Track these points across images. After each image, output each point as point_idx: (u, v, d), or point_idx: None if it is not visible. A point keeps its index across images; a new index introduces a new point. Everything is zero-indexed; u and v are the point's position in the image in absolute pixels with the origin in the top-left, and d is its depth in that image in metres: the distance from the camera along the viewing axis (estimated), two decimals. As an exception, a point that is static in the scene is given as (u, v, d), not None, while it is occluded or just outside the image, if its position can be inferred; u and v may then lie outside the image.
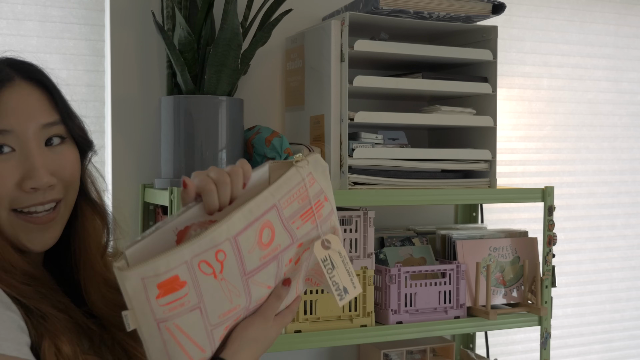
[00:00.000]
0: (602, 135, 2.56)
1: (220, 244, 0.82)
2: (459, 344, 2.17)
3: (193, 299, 0.81)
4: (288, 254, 0.90)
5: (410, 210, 2.13)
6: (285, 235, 0.89)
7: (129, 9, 1.82)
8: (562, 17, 2.46)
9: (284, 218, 0.89)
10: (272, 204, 0.88)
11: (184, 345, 0.82)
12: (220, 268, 0.82)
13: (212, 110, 1.67)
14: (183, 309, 0.80)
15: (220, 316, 0.84)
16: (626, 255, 2.63)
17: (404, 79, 1.84)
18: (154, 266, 0.78)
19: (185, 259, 0.80)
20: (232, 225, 0.83)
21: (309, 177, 0.93)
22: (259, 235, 0.86)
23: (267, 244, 0.87)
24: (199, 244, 0.81)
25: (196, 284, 0.81)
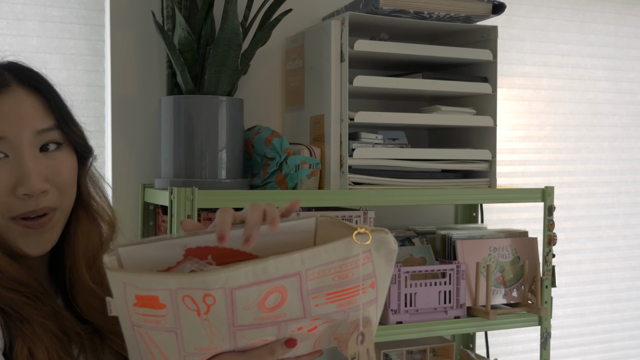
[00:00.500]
0: (602, 135, 2.56)
1: (212, 290, 0.73)
2: (459, 344, 2.17)
3: (170, 322, 0.75)
4: (295, 324, 0.78)
5: (410, 210, 2.13)
6: (298, 307, 0.77)
7: (129, 9, 1.82)
8: (562, 17, 2.46)
9: (304, 290, 0.76)
10: (296, 271, 0.75)
11: (154, 354, 0.78)
12: (206, 309, 0.74)
13: (212, 110, 1.67)
14: (158, 326, 0.76)
15: (197, 349, 0.77)
16: (626, 255, 2.63)
17: (404, 79, 1.84)
18: (135, 278, 0.74)
19: (169, 287, 0.73)
20: (233, 277, 0.73)
21: (365, 255, 0.78)
22: (263, 297, 0.75)
23: (271, 308, 0.76)
24: (189, 281, 0.73)
25: (176, 312, 0.74)
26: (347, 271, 0.77)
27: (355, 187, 1.70)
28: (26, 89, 0.95)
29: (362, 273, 0.77)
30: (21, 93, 0.94)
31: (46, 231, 0.95)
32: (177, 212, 1.52)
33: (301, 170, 1.65)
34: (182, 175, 1.68)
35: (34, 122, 0.94)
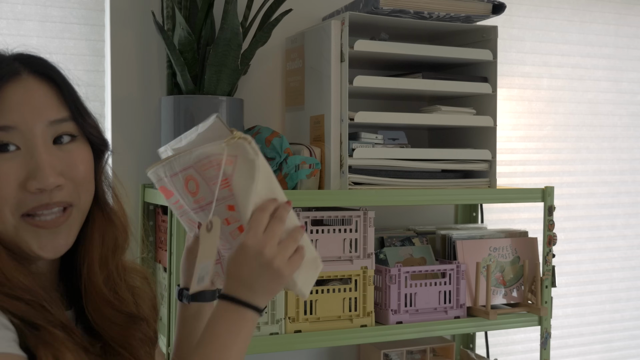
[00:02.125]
0: (602, 135, 2.56)
1: (161, 179, 1.01)
2: (459, 344, 2.17)
3: (184, 204, 1.02)
4: (218, 211, 0.98)
5: (410, 210, 2.13)
6: (208, 191, 0.97)
7: (129, 9, 1.82)
8: (562, 17, 2.46)
9: (204, 177, 0.96)
10: (190, 164, 0.96)
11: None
12: (176, 193, 1.01)
13: (212, 110, 1.67)
14: (184, 209, 1.03)
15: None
16: (626, 255, 2.63)
17: (404, 79, 1.84)
18: (150, 173, 1.02)
19: (154, 180, 1.02)
20: (164, 168, 0.99)
21: (230, 157, 0.95)
22: (184, 183, 0.98)
23: (193, 192, 0.98)
24: (151, 173, 1.02)
25: (178, 195, 1.01)
26: (220, 165, 0.95)
27: (355, 187, 1.70)
28: (38, 78, 0.90)
29: (223, 170, 0.95)
30: (33, 82, 0.89)
31: (62, 231, 0.89)
32: (177, 212, 1.52)
33: (301, 170, 1.65)
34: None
35: (47, 112, 0.89)
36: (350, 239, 1.72)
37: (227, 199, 0.97)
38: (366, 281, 1.73)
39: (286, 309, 1.65)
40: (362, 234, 1.73)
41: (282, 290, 1.58)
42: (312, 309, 1.69)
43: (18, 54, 0.93)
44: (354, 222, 1.72)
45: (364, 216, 1.72)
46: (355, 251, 1.72)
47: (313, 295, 1.68)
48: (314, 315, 1.68)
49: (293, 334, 1.65)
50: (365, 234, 1.73)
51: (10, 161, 0.86)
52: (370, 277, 1.74)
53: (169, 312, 1.55)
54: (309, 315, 1.68)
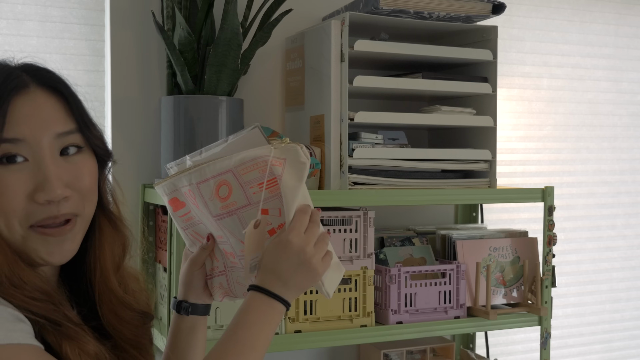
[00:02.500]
0: (602, 135, 2.56)
1: (177, 190, 1.04)
2: (459, 344, 2.17)
3: (195, 215, 1.06)
4: (249, 211, 1.01)
5: (410, 210, 2.13)
6: (243, 196, 1.00)
7: (129, 9, 1.82)
8: (562, 17, 2.46)
9: (241, 181, 1.00)
10: (227, 169, 1.00)
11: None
12: (193, 201, 1.04)
13: (212, 110, 1.67)
14: (192, 222, 1.08)
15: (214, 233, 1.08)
16: (626, 255, 2.63)
17: (404, 79, 1.84)
18: (165, 185, 1.06)
19: (165, 192, 1.06)
20: (189, 176, 1.02)
21: (278, 160, 0.99)
22: (215, 189, 1.00)
23: (224, 198, 1.00)
24: (167, 184, 1.05)
25: (191, 207, 1.05)
26: (266, 167, 0.98)
27: (355, 187, 1.70)
28: (46, 90, 0.92)
29: (276, 172, 0.99)
30: (41, 95, 0.91)
31: (68, 239, 0.91)
32: (177, 212, 1.52)
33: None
34: (182, 175, 1.68)
35: (55, 125, 0.90)
36: (350, 239, 1.72)
37: (266, 202, 1.01)
38: (366, 281, 1.73)
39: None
40: (362, 234, 1.73)
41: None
42: (312, 309, 1.69)
43: (25, 64, 0.94)
44: (354, 222, 1.72)
45: (364, 216, 1.72)
46: (355, 251, 1.72)
47: (313, 295, 1.68)
48: (314, 315, 1.68)
49: (293, 334, 1.65)
50: (365, 234, 1.73)
51: (18, 173, 0.87)
52: (370, 277, 1.74)
53: (168, 312, 1.55)
54: (309, 315, 1.68)
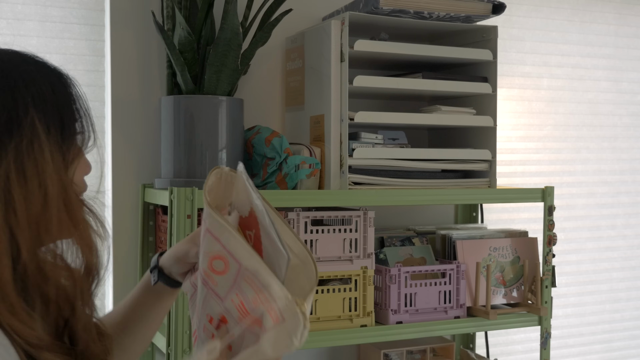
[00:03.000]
0: (602, 135, 2.56)
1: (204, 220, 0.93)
2: (459, 344, 2.17)
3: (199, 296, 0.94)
4: (212, 303, 0.92)
5: (410, 210, 2.13)
6: (226, 288, 0.89)
7: (129, 9, 1.82)
8: (562, 17, 2.46)
9: (237, 280, 0.88)
10: (240, 263, 0.88)
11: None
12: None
13: (212, 110, 1.67)
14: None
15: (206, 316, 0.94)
16: (626, 255, 2.63)
17: (404, 79, 1.84)
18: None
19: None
20: (209, 221, 0.91)
21: (277, 316, 0.87)
22: (215, 255, 0.89)
23: (214, 270, 0.90)
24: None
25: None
26: (266, 301, 0.85)
27: (355, 187, 1.70)
28: None
29: (263, 317, 0.85)
30: None
31: None
32: (177, 212, 1.52)
33: (301, 170, 1.65)
34: (182, 175, 1.68)
35: None
36: (350, 239, 1.72)
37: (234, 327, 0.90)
38: (366, 281, 1.73)
39: (286, 309, 1.65)
40: (362, 234, 1.73)
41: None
42: (312, 309, 1.69)
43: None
44: (354, 222, 1.72)
45: (364, 216, 1.72)
46: (355, 251, 1.72)
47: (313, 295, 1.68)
48: (314, 315, 1.68)
49: (293, 334, 1.65)
50: (365, 234, 1.73)
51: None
52: (370, 277, 1.74)
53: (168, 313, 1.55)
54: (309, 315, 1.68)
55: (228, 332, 0.90)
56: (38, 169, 0.82)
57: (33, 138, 0.82)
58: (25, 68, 0.86)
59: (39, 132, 0.82)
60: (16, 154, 0.81)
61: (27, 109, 0.83)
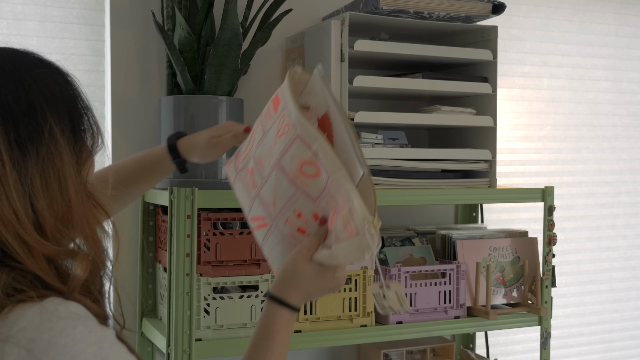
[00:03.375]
0: (602, 135, 2.56)
1: (287, 112, 1.06)
2: (459, 344, 2.17)
3: (267, 129, 1.11)
4: (307, 204, 1.05)
5: (410, 210, 2.13)
6: (317, 191, 1.03)
7: (129, 9, 1.82)
8: (562, 17, 2.46)
9: (328, 184, 1.02)
10: (328, 173, 1.02)
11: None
12: (278, 132, 1.07)
13: (212, 110, 1.67)
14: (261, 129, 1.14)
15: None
16: (626, 255, 2.63)
17: (404, 79, 1.84)
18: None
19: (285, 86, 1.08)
20: (301, 126, 1.04)
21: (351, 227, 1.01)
22: (306, 160, 1.03)
23: (304, 173, 1.03)
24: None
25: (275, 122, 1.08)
26: (341, 219, 1.00)
27: (355, 187, 1.70)
28: None
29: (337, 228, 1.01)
30: None
31: None
32: (177, 212, 1.52)
33: None
34: (182, 175, 1.68)
35: None
36: (350, 239, 1.71)
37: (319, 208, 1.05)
38: (366, 281, 1.73)
39: (286, 309, 1.65)
40: (362, 234, 1.72)
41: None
42: (312, 309, 1.69)
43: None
44: (354, 222, 1.72)
45: (364, 216, 1.72)
46: (355, 251, 1.72)
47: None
48: (314, 315, 1.68)
49: (293, 334, 1.65)
50: (365, 234, 1.73)
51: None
52: (370, 277, 1.74)
53: (168, 312, 1.55)
54: (309, 315, 1.68)
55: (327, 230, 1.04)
56: (59, 174, 0.83)
57: (52, 143, 0.83)
58: (35, 69, 0.87)
59: (57, 136, 0.84)
60: (37, 159, 0.82)
61: (44, 113, 0.83)
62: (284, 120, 1.05)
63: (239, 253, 1.63)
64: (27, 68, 0.86)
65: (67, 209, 0.83)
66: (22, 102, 0.82)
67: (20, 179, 0.80)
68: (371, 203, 1.02)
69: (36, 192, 0.81)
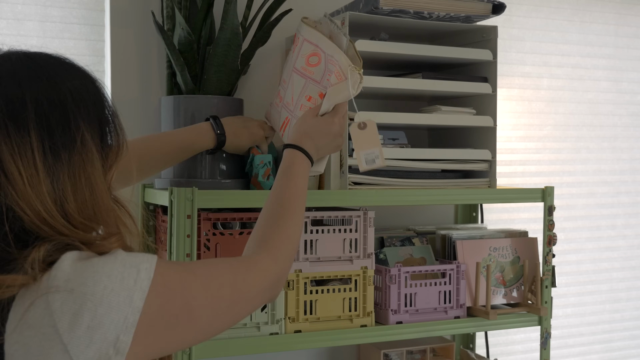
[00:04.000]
0: (602, 135, 2.56)
1: (300, 34, 1.52)
2: (459, 344, 2.17)
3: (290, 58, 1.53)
4: (312, 88, 1.43)
5: (410, 210, 2.13)
6: (321, 74, 1.41)
7: (129, 9, 1.82)
8: (562, 17, 2.46)
9: (326, 67, 1.40)
10: (325, 53, 1.41)
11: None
12: (295, 46, 1.52)
13: (212, 110, 1.67)
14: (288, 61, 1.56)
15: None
16: (626, 255, 2.63)
17: (404, 79, 1.84)
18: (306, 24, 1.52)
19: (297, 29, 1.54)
20: (304, 30, 1.50)
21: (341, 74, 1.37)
22: (310, 53, 1.44)
23: (310, 64, 1.44)
24: (299, 26, 1.54)
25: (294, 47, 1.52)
26: (334, 75, 1.37)
27: (355, 187, 1.70)
28: None
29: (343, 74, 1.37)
30: None
31: None
32: (177, 212, 1.52)
33: (260, 169, 1.64)
34: (182, 176, 1.68)
35: None
36: (350, 239, 1.72)
37: (323, 87, 1.39)
38: (366, 281, 1.73)
39: (286, 309, 1.65)
40: (362, 234, 1.73)
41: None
42: (312, 309, 1.69)
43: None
44: (354, 222, 1.72)
45: (364, 216, 1.72)
46: (355, 251, 1.72)
47: (313, 295, 1.68)
48: (314, 315, 1.68)
49: (293, 334, 1.65)
50: (365, 234, 1.73)
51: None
52: (370, 277, 1.74)
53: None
54: (309, 315, 1.68)
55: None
56: (90, 180, 0.89)
57: (84, 150, 0.89)
58: (70, 79, 0.91)
59: (89, 144, 0.89)
60: (69, 166, 0.87)
61: (77, 122, 0.88)
62: (297, 42, 1.48)
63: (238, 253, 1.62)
64: (62, 76, 0.90)
65: (96, 211, 0.89)
66: (57, 111, 0.87)
67: (52, 184, 0.86)
68: (354, 57, 1.35)
69: (67, 196, 0.87)
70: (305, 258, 1.67)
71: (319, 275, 1.69)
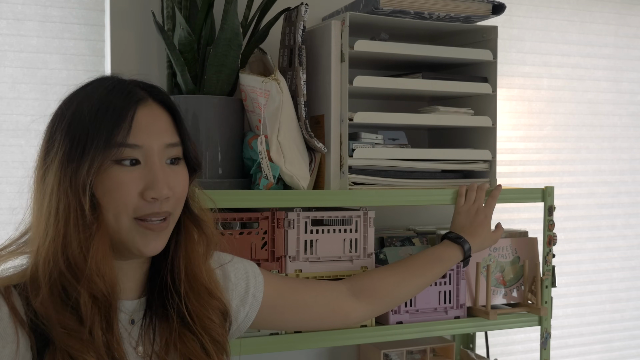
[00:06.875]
0: (602, 135, 2.56)
1: None
2: (459, 344, 2.17)
3: None
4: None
5: (410, 210, 2.13)
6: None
7: (129, 9, 1.82)
8: (562, 17, 2.46)
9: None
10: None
11: None
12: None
13: (212, 110, 1.67)
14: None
15: None
16: (626, 255, 2.64)
17: (404, 79, 1.84)
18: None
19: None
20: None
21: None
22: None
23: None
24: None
25: None
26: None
27: (355, 187, 1.70)
28: (159, 104, 1.10)
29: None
30: (156, 108, 1.09)
31: (162, 235, 1.08)
32: (177, 212, 1.52)
33: (263, 181, 1.63)
34: (182, 175, 1.67)
35: (165, 135, 1.08)
36: (350, 239, 1.72)
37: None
38: (366, 281, 1.73)
39: (286, 309, 1.65)
40: (362, 234, 1.73)
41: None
42: (312, 309, 1.68)
43: (133, 80, 1.14)
44: (354, 222, 1.72)
45: (364, 216, 1.72)
46: (355, 251, 1.72)
47: (313, 295, 1.68)
48: (314, 315, 1.68)
49: (293, 334, 1.65)
50: (365, 234, 1.73)
51: (132, 173, 1.04)
52: (370, 277, 1.74)
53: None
54: (309, 315, 1.68)
55: None
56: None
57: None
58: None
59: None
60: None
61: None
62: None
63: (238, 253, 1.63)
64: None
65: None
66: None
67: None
68: (269, 68, 1.53)
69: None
70: (305, 258, 1.67)
71: (319, 275, 1.69)
